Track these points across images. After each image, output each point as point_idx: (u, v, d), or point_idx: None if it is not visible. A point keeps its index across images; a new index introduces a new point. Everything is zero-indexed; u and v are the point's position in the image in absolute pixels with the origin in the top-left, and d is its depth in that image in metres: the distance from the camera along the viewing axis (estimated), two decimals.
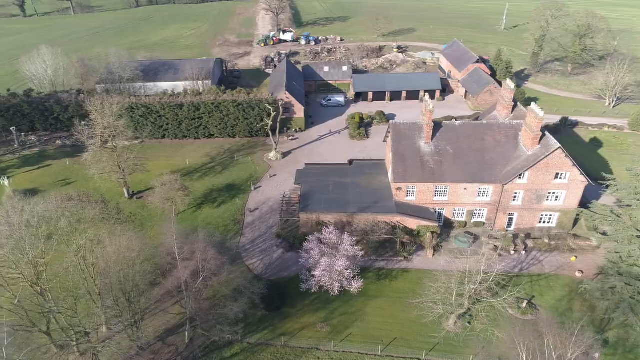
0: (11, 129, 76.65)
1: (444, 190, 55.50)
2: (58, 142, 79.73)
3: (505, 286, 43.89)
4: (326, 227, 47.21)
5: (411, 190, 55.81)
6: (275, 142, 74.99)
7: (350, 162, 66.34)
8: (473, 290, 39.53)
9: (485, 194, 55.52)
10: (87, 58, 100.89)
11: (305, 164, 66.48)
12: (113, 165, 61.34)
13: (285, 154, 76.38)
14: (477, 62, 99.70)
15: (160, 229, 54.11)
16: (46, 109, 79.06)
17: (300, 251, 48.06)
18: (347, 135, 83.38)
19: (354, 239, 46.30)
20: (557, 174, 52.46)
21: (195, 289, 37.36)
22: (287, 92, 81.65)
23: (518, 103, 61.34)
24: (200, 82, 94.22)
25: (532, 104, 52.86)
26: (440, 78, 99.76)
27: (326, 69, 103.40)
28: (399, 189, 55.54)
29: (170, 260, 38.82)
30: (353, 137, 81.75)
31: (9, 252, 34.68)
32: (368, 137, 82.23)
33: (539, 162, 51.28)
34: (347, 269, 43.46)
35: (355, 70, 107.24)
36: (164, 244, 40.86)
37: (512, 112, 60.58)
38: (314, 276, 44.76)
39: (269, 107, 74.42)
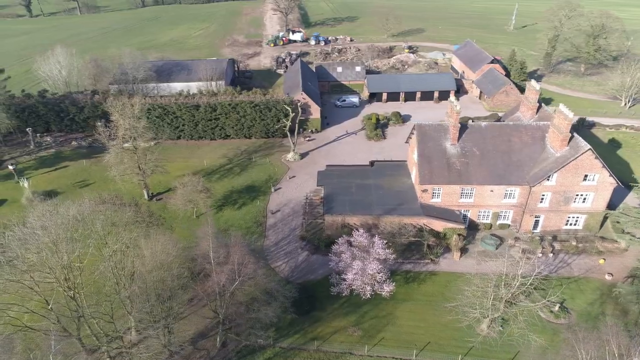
0: (27, 130, 76.07)
1: (470, 192, 54.99)
2: (74, 143, 79.19)
3: (537, 289, 43.36)
4: (356, 229, 46.64)
5: (437, 192, 55.30)
6: (293, 143, 74.45)
7: (372, 163, 65.85)
8: (510, 294, 38.99)
9: (512, 196, 55.01)
10: (99, 58, 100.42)
11: (326, 166, 65.99)
12: (134, 166, 60.81)
13: (303, 155, 75.87)
14: (492, 62, 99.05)
15: (183, 231, 53.68)
16: (62, 109, 78.52)
17: (329, 254, 47.45)
18: (364, 136, 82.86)
19: (384, 241, 45.71)
20: (586, 175, 51.94)
21: (230, 293, 36.79)
22: (303, 93, 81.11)
23: (542, 104, 60.79)
24: (213, 83, 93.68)
25: (561, 105, 52.41)
26: (454, 78, 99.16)
27: (339, 69, 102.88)
28: (424, 190, 55.02)
29: (203, 263, 38.21)
30: (370, 138, 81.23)
31: (45, 256, 34.12)
32: (385, 138, 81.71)
33: (568, 163, 50.74)
34: (379, 273, 42.91)
35: (368, 71, 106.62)
36: (199, 247, 40.32)
37: (536, 113, 60.02)
38: (344, 280, 44.22)
39: (288, 108, 73.84)
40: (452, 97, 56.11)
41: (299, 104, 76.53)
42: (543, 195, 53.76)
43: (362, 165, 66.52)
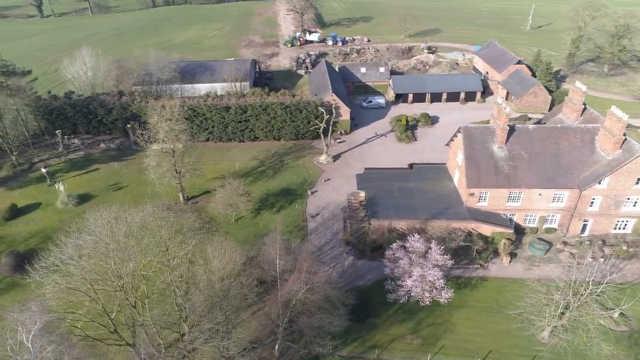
0: (57, 132, 75.10)
1: (517, 195, 54.08)
2: (102, 145, 78.26)
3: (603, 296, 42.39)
4: (412, 235, 45.67)
5: (484, 195, 54.40)
6: (326, 145, 73.54)
7: (411, 165, 64.94)
8: (578, 301, 38.07)
9: (560, 200, 54.11)
10: (122, 59, 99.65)
11: (365, 168, 65.05)
12: (171, 169, 59.88)
13: (335, 157, 74.94)
14: (518, 63, 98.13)
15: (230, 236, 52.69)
16: (90, 111, 77.53)
17: (378, 259, 46.53)
18: (394, 137, 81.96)
19: (445, 247, 44.81)
20: (639, 179, 51.00)
21: (295, 301, 35.86)
22: (333, 94, 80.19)
23: (587, 106, 59.89)
24: (238, 84, 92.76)
25: (612, 107, 51.49)
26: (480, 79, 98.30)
27: (363, 70, 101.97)
28: (471, 194, 54.09)
29: (269, 271, 37.23)
30: (401, 140, 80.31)
31: (112, 265, 33.18)
32: (416, 140, 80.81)
33: (622, 167, 49.83)
34: (439, 279, 42.00)
35: (392, 72, 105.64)
36: (265, 253, 39.38)
37: (581, 115, 59.12)
38: (401, 286, 43.30)
39: (322, 110, 72.94)
40: (499, 99, 55.17)
41: (333, 106, 75.55)
42: (593, 199, 52.84)
43: (401, 168, 65.61)
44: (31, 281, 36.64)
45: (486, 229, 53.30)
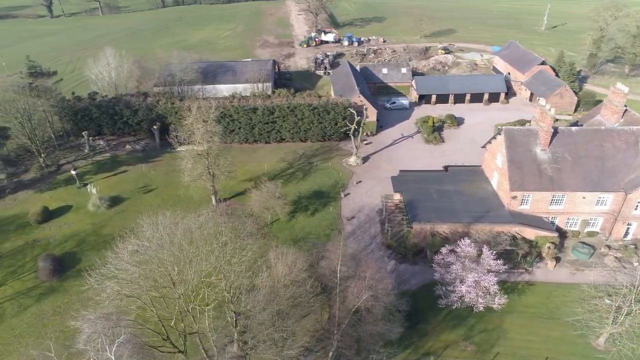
0: (83, 133, 74.30)
1: (560, 198, 53.31)
2: (127, 146, 77.46)
3: None
4: (462, 239, 44.92)
5: (526, 198, 53.63)
6: (356, 147, 72.76)
7: (446, 168, 64.15)
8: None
9: (604, 203, 53.36)
10: (142, 59, 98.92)
11: (400, 171, 64.26)
12: (206, 171, 59.08)
13: (364, 159, 74.17)
14: (543, 63, 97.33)
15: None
16: (115, 112, 76.68)
17: (425, 263, 45.79)
18: (421, 139, 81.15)
19: (494, 252, 44.03)
20: None
21: (355, 309, 35.07)
22: (361, 96, 79.42)
23: (628, 107, 59.11)
24: (260, 85, 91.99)
25: None
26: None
27: (385, 70, 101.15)
28: (514, 197, 53.30)
29: (331, 277, 36.35)
30: (429, 142, 79.50)
31: (172, 271, 32.37)
32: (444, 142, 79.98)
33: None
34: (493, 285, 41.22)
35: (414, 73, 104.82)
36: (327, 258, 38.54)
37: (622, 117, 58.33)
38: (453, 291, 42.50)
39: (354, 112, 72.19)
40: (541, 100, 54.40)
41: (364, 108, 74.77)
42: (638, 202, 52.02)
43: (436, 170, 64.89)
44: (88, 288, 35.59)
45: (530, 233, 52.52)
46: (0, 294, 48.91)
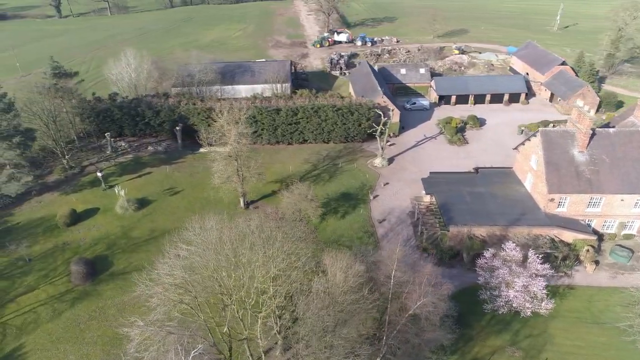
0: (106, 134, 73.57)
1: (598, 201, 52.68)
2: (149, 148, 76.73)
3: None
4: (506, 242, 44.29)
5: (563, 201, 52.97)
6: (382, 148, 72.10)
7: (476, 169, 63.49)
8: None
9: None
10: (159, 60, 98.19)
11: (430, 173, 63.52)
12: (235, 173, 58.41)
13: (389, 161, 73.49)
14: (563, 64, 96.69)
15: None
16: (137, 113, 75.94)
17: (477, 269, 44.81)
18: (444, 140, 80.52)
19: (540, 256, 43.37)
20: None
21: (408, 315, 34.41)
22: (384, 96, 78.76)
23: None
24: (279, 85, 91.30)
25: None
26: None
27: (403, 71, 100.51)
28: (551, 200, 52.64)
29: (386, 283, 35.64)
30: (452, 143, 78.86)
31: (232, 278, 31.66)
32: (468, 143, 79.31)
33: None
34: (542, 289, 40.56)
35: (433, 73, 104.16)
36: (382, 262, 37.83)
37: None
38: (499, 296, 41.84)
39: (380, 112, 71.54)
40: (579, 102, 53.76)
41: (392, 109, 74.14)
42: None
43: (466, 172, 64.21)
44: (137, 294, 34.86)
45: (568, 236, 51.89)
46: (33, 298, 48.16)
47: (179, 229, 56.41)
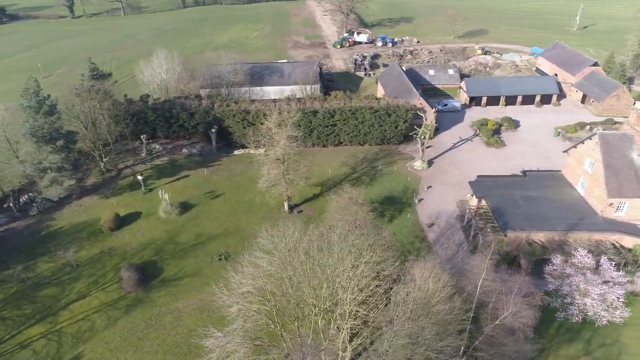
0: (141, 137, 72.43)
1: None
2: (184, 150, 75.58)
3: None
4: (577, 250, 43.21)
5: (622, 205, 51.91)
6: (422, 151, 71.03)
7: (524, 173, 62.41)
8: None
9: None
10: (185, 61, 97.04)
11: (477, 176, 62.38)
12: (280, 177, 57.34)
13: (428, 163, 72.41)
14: (595, 64, 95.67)
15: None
16: (172, 115, 74.79)
17: (546, 276, 43.66)
18: (480, 142, 79.47)
19: (614, 263, 42.32)
20: None
21: (494, 325, 33.34)
22: (421, 98, 77.74)
23: None
24: (308, 87, 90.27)
25: None
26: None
27: (431, 72, 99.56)
28: (610, 204, 51.58)
29: (474, 293, 34.54)
30: (490, 145, 77.84)
31: (324, 289, 30.55)
32: (505, 145, 78.23)
33: None
34: (619, 298, 39.49)
35: (462, 74, 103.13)
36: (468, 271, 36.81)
37: None
38: (572, 304, 40.76)
39: (422, 115, 70.52)
40: (638, 104, 52.67)
41: (433, 111, 73.09)
42: None
43: (515, 175, 63.15)
44: (220, 305, 33.70)
45: (628, 241, 50.83)
46: (86, 306, 47.03)
47: (224, 235, 56.05)
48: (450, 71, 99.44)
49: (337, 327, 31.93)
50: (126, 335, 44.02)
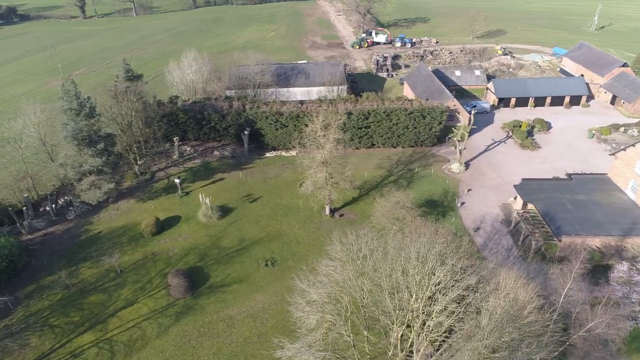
0: (174, 139, 71.36)
1: None
2: (216, 152, 74.48)
3: None
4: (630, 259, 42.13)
5: None
6: (460, 152, 69.97)
7: (569, 176, 61.36)
8: None
9: None
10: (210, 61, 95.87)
11: (522, 179, 61.32)
12: (324, 180, 56.29)
13: (465, 165, 71.36)
14: (624, 65, 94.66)
15: None
16: (203, 117, 73.68)
17: (612, 283, 42.61)
18: (514, 144, 78.41)
19: None
20: None
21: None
22: (455, 99, 76.65)
23: None
24: (335, 88, 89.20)
25: None
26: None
27: (457, 73, 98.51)
28: None
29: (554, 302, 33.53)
30: (525, 147, 76.78)
31: (412, 300, 29.42)
32: (540, 147, 77.16)
33: None
34: None
35: (489, 76, 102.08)
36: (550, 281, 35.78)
37: None
38: None
39: (460, 117, 69.40)
40: None
41: (472, 113, 72.10)
42: None
43: (561, 178, 62.12)
44: (296, 318, 32.62)
45: None
46: (135, 313, 45.90)
47: (267, 240, 54.90)
48: (477, 72, 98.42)
49: (420, 339, 30.80)
50: (180, 344, 42.88)
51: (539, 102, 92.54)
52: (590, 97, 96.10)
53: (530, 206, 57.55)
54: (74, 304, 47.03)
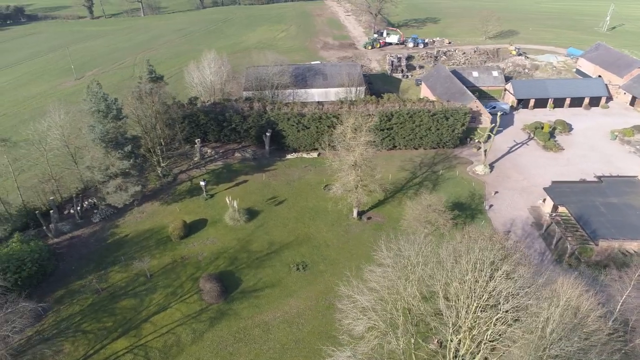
0: (196, 141, 70.63)
1: None
2: (237, 154, 73.75)
3: None
4: None
5: None
6: (484, 155, 69.29)
7: (599, 178, 60.68)
8: None
9: None
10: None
11: (552, 182, 60.67)
12: (353, 183, 55.58)
13: (490, 167, 70.67)
14: None
15: None
16: (224, 119, 72.95)
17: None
18: (537, 146, 77.71)
19: None
20: None
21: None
22: (477, 101, 75.99)
23: None
24: (353, 89, 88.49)
25: None
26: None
27: (475, 74, 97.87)
28: None
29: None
30: (547, 149, 76.09)
31: (472, 312, 28.71)
32: (563, 149, 76.47)
33: None
34: None
35: (506, 77, 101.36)
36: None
37: None
38: None
39: (487, 119, 68.68)
40: None
41: (498, 115, 71.27)
42: None
43: (592, 181, 61.41)
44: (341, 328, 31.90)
45: None
46: (168, 318, 45.19)
47: (296, 243, 54.15)
48: (495, 73, 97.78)
49: (479, 348, 30.10)
50: (216, 351, 42.19)
51: (558, 103, 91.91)
52: (610, 98, 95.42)
53: (561, 209, 56.86)
54: (105, 309, 46.33)
